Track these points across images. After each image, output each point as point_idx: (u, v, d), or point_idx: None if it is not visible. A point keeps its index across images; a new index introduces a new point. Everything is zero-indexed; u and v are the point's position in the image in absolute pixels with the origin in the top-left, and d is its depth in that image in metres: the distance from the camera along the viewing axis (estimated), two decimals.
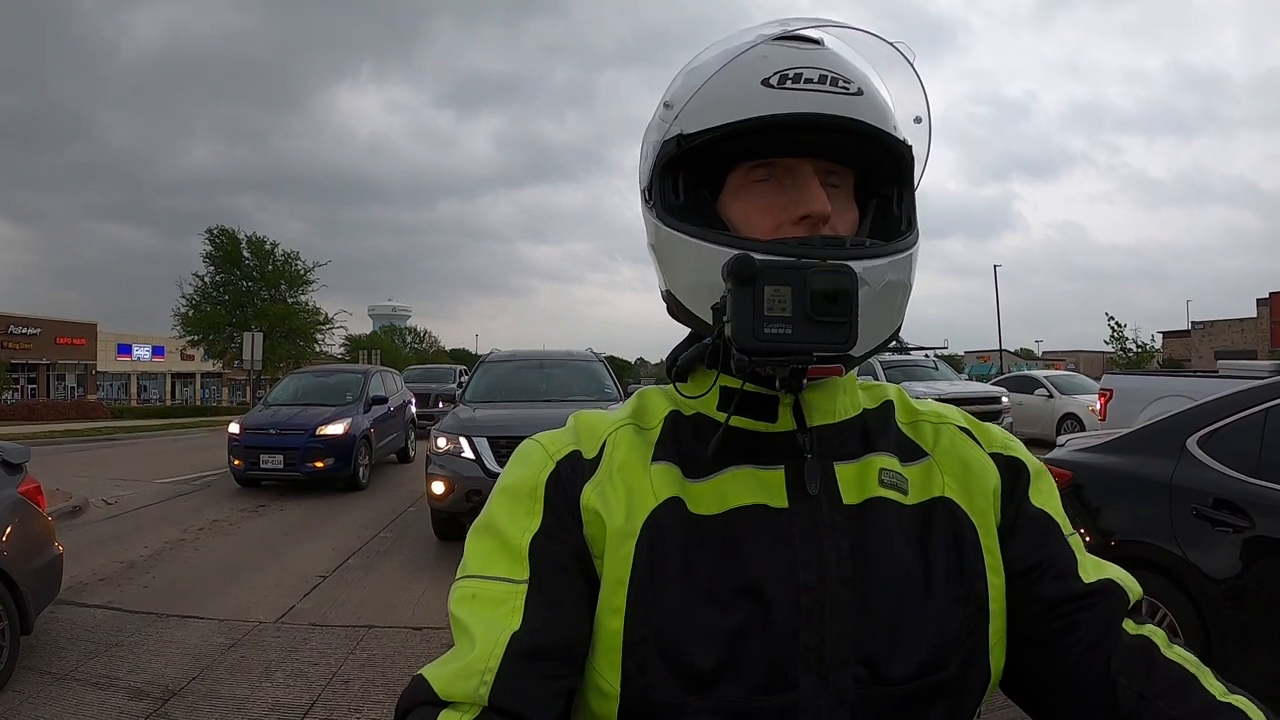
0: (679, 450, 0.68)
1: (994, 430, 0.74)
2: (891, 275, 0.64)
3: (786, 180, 0.67)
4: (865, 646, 0.61)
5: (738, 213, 0.68)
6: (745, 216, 0.67)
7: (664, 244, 0.69)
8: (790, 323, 0.56)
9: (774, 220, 0.66)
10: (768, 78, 0.64)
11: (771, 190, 0.67)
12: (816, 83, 0.64)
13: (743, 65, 0.65)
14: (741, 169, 0.68)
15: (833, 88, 0.64)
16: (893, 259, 0.65)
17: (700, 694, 0.59)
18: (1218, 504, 2.97)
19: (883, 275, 0.63)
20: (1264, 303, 35.09)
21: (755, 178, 0.67)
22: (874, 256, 0.64)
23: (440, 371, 21.50)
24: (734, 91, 0.65)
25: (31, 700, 3.48)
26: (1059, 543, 0.68)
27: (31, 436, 15.63)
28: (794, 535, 0.63)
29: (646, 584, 0.62)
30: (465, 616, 0.62)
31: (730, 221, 0.68)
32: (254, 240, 31.58)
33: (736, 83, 0.65)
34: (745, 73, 0.65)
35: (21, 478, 4.11)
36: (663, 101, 0.71)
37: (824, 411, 0.68)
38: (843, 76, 0.65)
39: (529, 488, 0.66)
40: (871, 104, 0.66)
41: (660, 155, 0.69)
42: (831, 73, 0.65)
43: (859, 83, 0.66)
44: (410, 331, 76.85)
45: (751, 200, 0.67)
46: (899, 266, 0.65)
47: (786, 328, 0.56)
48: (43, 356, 38.81)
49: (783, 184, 0.67)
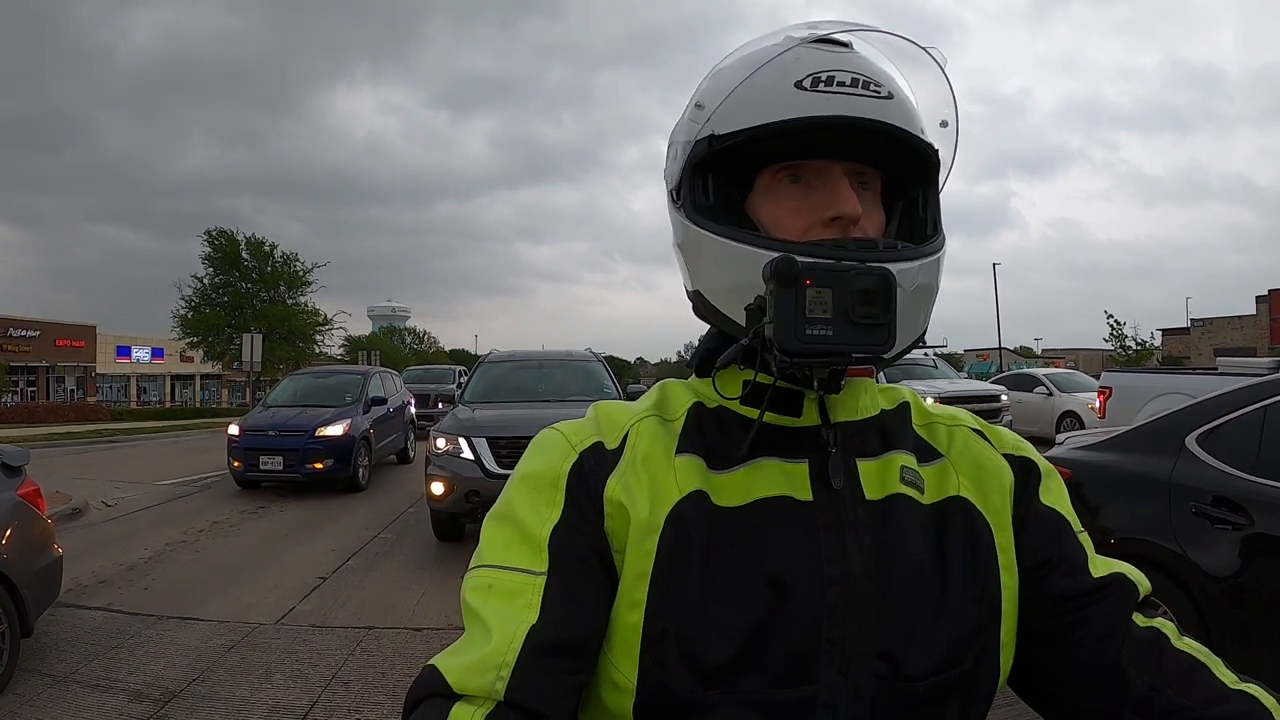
0: (703, 442, 0.67)
1: (1004, 432, 0.75)
2: (922, 278, 0.65)
3: (817, 182, 0.67)
4: (884, 642, 0.61)
5: (767, 214, 0.68)
6: (775, 217, 0.67)
7: (693, 244, 0.69)
8: (831, 324, 0.56)
9: (804, 221, 0.66)
10: (801, 80, 0.64)
11: (802, 192, 0.67)
12: (849, 86, 0.64)
13: (776, 67, 0.66)
14: (771, 170, 0.68)
15: (865, 91, 0.65)
16: (923, 262, 0.65)
17: (719, 688, 0.59)
18: (1217, 501, 2.97)
19: (914, 278, 0.64)
20: (1263, 300, 35.14)
21: (785, 179, 0.67)
22: (907, 259, 0.64)
23: (439, 372, 21.48)
24: (767, 93, 0.65)
25: (31, 703, 3.48)
26: (1070, 539, 0.69)
27: (31, 439, 15.65)
28: (819, 528, 0.63)
29: (669, 578, 0.61)
30: (481, 607, 0.61)
31: (760, 222, 0.68)
32: (253, 241, 31.55)
33: (770, 85, 0.65)
34: (778, 75, 0.65)
35: (21, 480, 4.11)
36: (693, 102, 0.71)
37: (847, 408, 0.68)
38: (874, 80, 0.65)
39: (551, 477, 0.66)
40: (901, 107, 0.66)
41: (691, 155, 0.69)
42: (863, 76, 0.65)
43: (889, 86, 0.66)
44: (410, 332, 76.90)
45: (781, 201, 0.67)
46: (929, 269, 0.66)
47: (828, 329, 0.56)
48: (42, 359, 38.79)
49: (813, 185, 0.67)
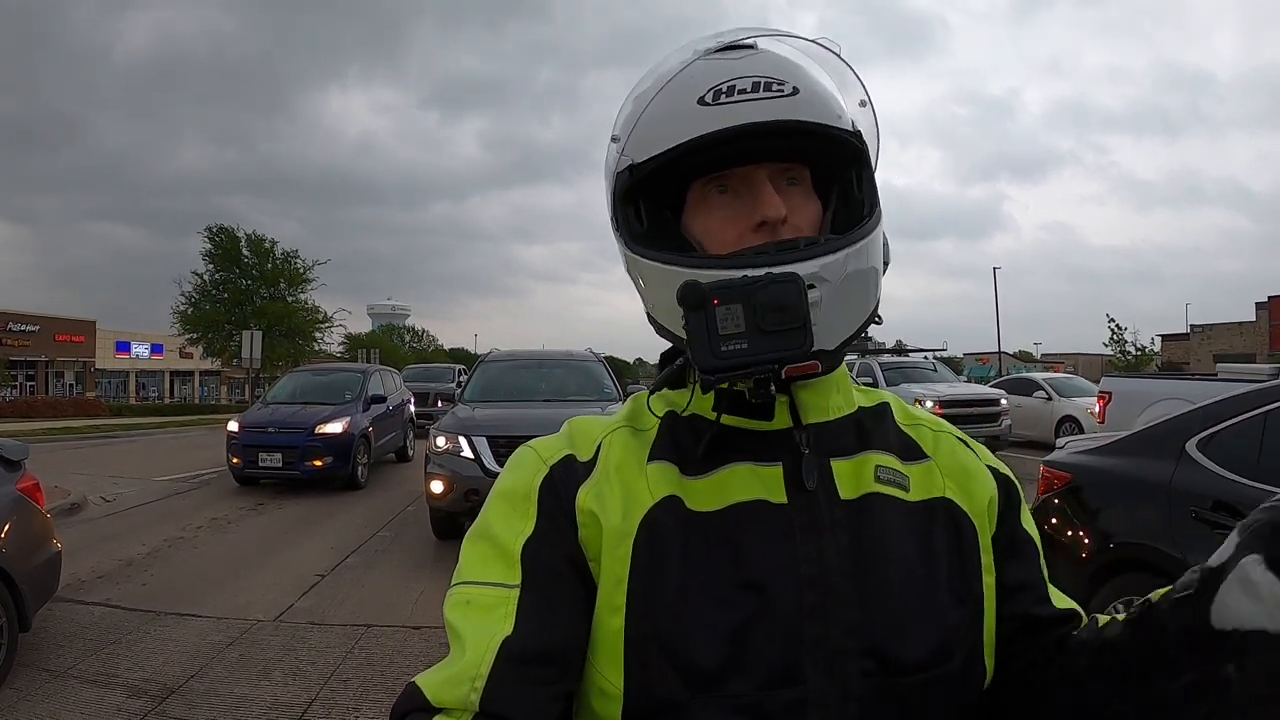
0: (677, 449, 0.68)
1: (982, 449, 0.77)
2: (852, 265, 0.64)
3: (742, 189, 0.68)
4: (870, 639, 0.61)
5: (700, 228, 0.69)
6: (709, 231, 0.68)
7: (634, 270, 0.71)
8: (745, 338, 0.58)
9: (735, 231, 0.67)
10: (703, 95, 0.65)
11: (729, 201, 0.68)
12: (750, 91, 0.65)
13: (678, 87, 0.67)
14: (699, 183, 0.69)
15: (766, 93, 0.65)
16: (850, 250, 0.65)
17: (706, 691, 0.59)
18: (1217, 507, 2.97)
19: (841, 269, 0.64)
20: (1263, 306, 35.12)
21: (714, 190, 0.69)
22: (829, 253, 0.64)
23: (439, 371, 21.55)
24: (672, 115, 0.66)
25: (30, 698, 3.49)
26: (1039, 566, 0.72)
27: (30, 434, 15.64)
28: (794, 530, 0.63)
29: (646, 581, 0.62)
30: (458, 622, 0.62)
31: (695, 238, 0.69)
32: (253, 238, 31.55)
33: (674, 106, 0.66)
34: (681, 94, 0.66)
35: (20, 475, 4.10)
36: (611, 134, 0.72)
37: (818, 409, 0.69)
38: (775, 79, 0.65)
39: (523, 492, 0.67)
40: (809, 101, 0.66)
41: (616, 187, 0.71)
42: (764, 78, 0.65)
43: (793, 81, 0.66)
44: (409, 331, 76.89)
45: (712, 214, 0.69)
46: (859, 255, 0.65)
47: (742, 343, 0.58)
48: (41, 354, 38.72)
49: (739, 193, 0.68)
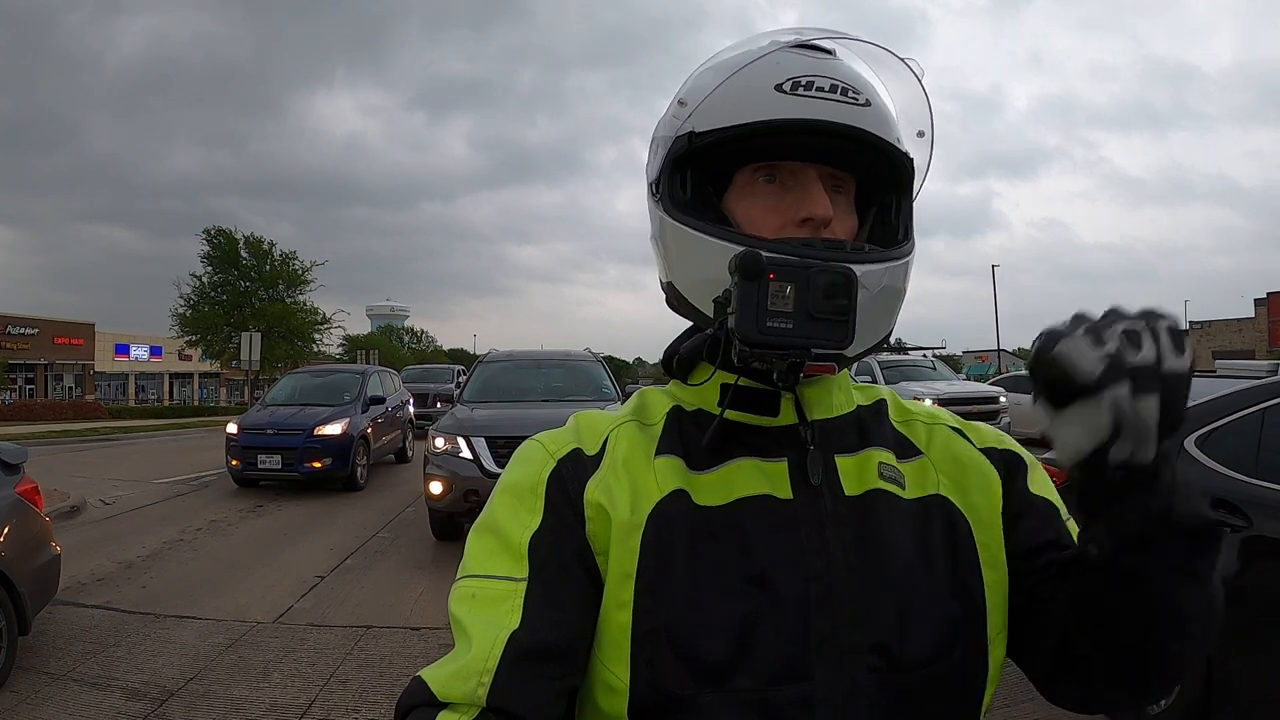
0: (683, 444, 0.69)
1: (984, 428, 0.76)
2: (888, 281, 0.66)
3: (791, 183, 0.68)
4: (875, 634, 0.62)
5: (742, 211, 0.69)
6: (750, 216, 0.69)
7: (668, 237, 0.71)
8: (792, 318, 0.58)
9: (778, 221, 0.67)
10: (781, 83, 0.66)
11: (776, 192, 0.69)
12: (828, 91, 0.66)
13: (758, 69, 0.67)
14: (748, 169, 0.70)
15: (843, 97, 0.66)
16: (889, 265, 0.67)
17: (713, 685, 0.60)
18: (1216, 504, 2.97)
19: (879, 280, 0.65)
20: (1261, 303, 35.19)
21: (761, 179, 0.69)
22: (873, 261, 0.66)
23: (438, 371, 21.52)
24: (748, 94, 0.67)
25: (29, 700, 3.48)
26: (1063, 525, 0.70)
27: (29, 436, 15.62)
28: (799, 524, 0.64)
29: (654, 575, 0.62)
30: (464, 616, 0.62)
31: (734, 219, 0.69)
32: (251, 240, 31.60)
33: (751, 86, 0.67)
34: (760, 77, 0.67)
35: (19, 478, 4.10)
36: (677, 98, 0.72)
37: (822, 406, 0.70)
38: (853, 87, 0.67)
39: (530, 485, 0.67)
40: (878, 115, 0.68)
41: (671, 150, 0.71)
42: (843, 83, 0.67)
43: (867, 94, 0.68)
44: (408, 331, 76.92)
45: (757, 200, 0.69)
46: (895, 273, 0.67)
47: (788, 323, 0.58)
48: (40, 356, 38.73)
49: (787, 186, 0.69)
